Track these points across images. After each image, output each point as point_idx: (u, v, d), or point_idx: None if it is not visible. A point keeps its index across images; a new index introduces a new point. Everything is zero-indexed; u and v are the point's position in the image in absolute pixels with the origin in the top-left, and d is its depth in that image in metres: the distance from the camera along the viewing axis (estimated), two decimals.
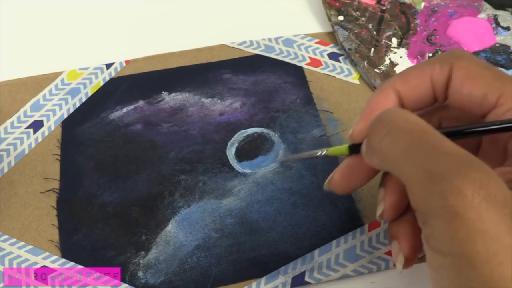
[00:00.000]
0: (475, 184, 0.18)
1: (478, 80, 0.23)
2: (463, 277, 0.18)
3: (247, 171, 0.34)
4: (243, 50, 0.41)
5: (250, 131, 0.36)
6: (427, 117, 0.26)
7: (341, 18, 0.42)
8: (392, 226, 0.25)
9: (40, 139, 0.36)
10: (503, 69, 0.38)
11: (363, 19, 0.42)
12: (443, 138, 0.20)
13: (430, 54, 0.40)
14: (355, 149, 0.25)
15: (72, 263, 0.30)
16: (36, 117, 0.37)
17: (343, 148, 0.26)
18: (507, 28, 0.41)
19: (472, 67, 0.23)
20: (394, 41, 0.41)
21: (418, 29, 0.42)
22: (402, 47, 0.41)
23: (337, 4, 0.43)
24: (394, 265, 0.30)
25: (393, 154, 0.21)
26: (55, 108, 0.37)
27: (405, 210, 0.25)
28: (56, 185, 0.34)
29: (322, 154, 0.28)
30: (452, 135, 0.22)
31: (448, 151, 0.19)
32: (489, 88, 0.22)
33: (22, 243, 0.31)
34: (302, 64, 0.40)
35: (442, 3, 0.43)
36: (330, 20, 0.42)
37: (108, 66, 0.40)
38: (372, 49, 0.40)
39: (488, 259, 0.17)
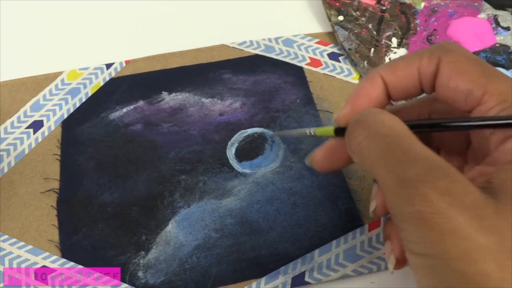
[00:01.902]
0: (441, 191, 0.18)
1: (465, 75, 0.23)
2: (439, 276, 0.19)
3: (247, 171, 0.34)
4: (243, 50, 0.41)
5: (250, 131, 0.36)
6: (417, 109, 0.27)
7: (341, 18, 0.42)
8: (386, 226, 0.25)
9: (40, 139, 0.36)
10: (503, 69, 0.38)
11: (363, 19, 0.42)
12: (415, 142, 0.20)
13: None
14: (340, 131, 0.25)
15: (72, 263, 0.30)
16: (36, 117, 0.37)
17: (329, 129, 0.26)
18: (507, 28, 0.41)
19: (460, 61, 0.23)
20: (394, 41, 0.41)
21: (418, 29, 0.42)
22: (402, 47, 0.41)
23: (337, 4, 0.43)
24: None
25: (370, 157, 0.21)
26: (55, 108, 0.37)
27: None
28: (56, 185, 0.34)
29: (311, 132, 0.28)
30: (427, 127, 0.23)
31: (419, 156, 0.20)
32: (474, 84, 0.22)
33: (22, 243, 0.31)
34: (302, 64, 0.40)
35: (442, 3, 0.43)
36: (330, 20, 0.42)
37: (108, 66, 0.40)
38: (372, 49, 0.40)
39: (460, 257, 0.18)
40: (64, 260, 0.31)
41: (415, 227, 0.19)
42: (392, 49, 0.40)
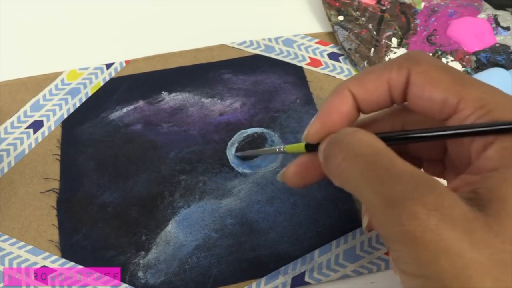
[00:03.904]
0: (429, 206, 0.18)
1: (438, 85, 0.22)
2: None
3: (247, 171, 0.34)
4: (243, 50, 0.41)
5: (250, 131, 0.36)
6: (390, 120, 0.26)
7: (341, 18, 0.42)
8: None
9: (40, 139, 0.36)
10: (503, 69, 0.38)
11: (363, 19, 0.42)
12: (396, 158, 0.20)
13: (430, 54, 0.40)
14: (311, 147, 0.25)
15: (72, 263, 0.30)
16: (36, 117, 0.37)
17: (300, 145, 0.26)
18: (507, 28, 0.41)
19: (431, 71, 0.23)
20: (394, 41, 0.41)
21: (418, 29, 0.42)
22: (402, 47, 0.41)
23: (337, 4, 0.43)
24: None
25: (351, 179, 0.21)
26: (55, 108, 0.37)
27: None
28: (56, 185, 0.34)
29: (281, 150, 0.28)
30: (404, 139, 0.23)
31: (401, 173, 0.19)
32: (449, 93, 0.22)
33: (22, 243, 0.31)
34: (302, 64, 0.40)
35: (442, 3, 0.43)
36: (330, 20, 0.42)
37: (108, 66, 0.40)
38: (372, 49, 0.40)
39: (456, 276, 0.17)
40: (64, 260, 0.31)
41: (406, 247, 0.18)
42: (392, 49, 0.40)
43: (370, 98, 0.24)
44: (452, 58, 0.40)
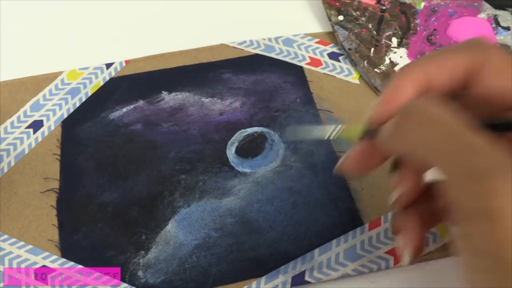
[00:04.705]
0: None
1: (510, 73, 0.22)
2: (499, 279, 0.17)
3: (247, 170, 0.34)
4: (243, 49, 0.41)
5: (250, 130, 0.36)
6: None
7: (341, 18, 0.42)
8: (399, 218, 0.24)
9: (40, 139, 0.36)
10: None
11: (363, 19, 0.42)
12: (480, 134, 0.19)
13: None
14: (369, 134, 0.24)
15: (72, 263, 0.30)
16: (36, 117, 0.37)
17: (356, 130, 0.25)
18: (507, 28, 0.41)
19: (504, 59, 0.22)
20: (394, 41, 0.41)
21: (418, 29, 0.42)
22: (402, 47, 0.41)
23: (337, 4, 0.43)
24: (395, 263, 0.30)
25: (426, 146, 0.20)
26: (55, 108, 0.37)
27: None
28: (56, 185, 0.34)
29: (334, 133, 0.26)
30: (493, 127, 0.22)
31: (486, 149, 0.19)
32: None
33: (22, 243, 0.31)
34: (302, 64, 0.40)
35: (442, 3, 0.43)
36: (330, 20, 0.42)
37: (108, 66, 0.40)
38: (372, 49, 0.40)
39: None
40: (64, 260, 0.31)
41: (482, 224, 0.17)
42: (392, 49, 0.40)
43: (440, 80, 0.23)
44: None
